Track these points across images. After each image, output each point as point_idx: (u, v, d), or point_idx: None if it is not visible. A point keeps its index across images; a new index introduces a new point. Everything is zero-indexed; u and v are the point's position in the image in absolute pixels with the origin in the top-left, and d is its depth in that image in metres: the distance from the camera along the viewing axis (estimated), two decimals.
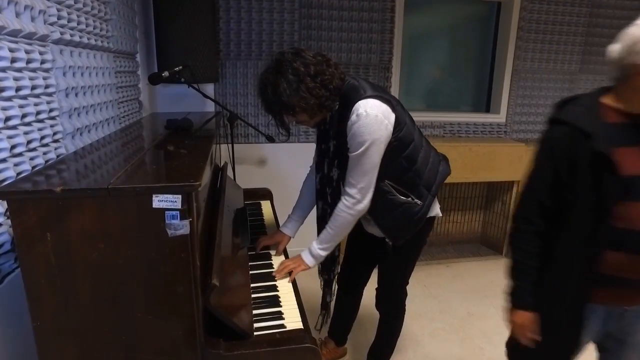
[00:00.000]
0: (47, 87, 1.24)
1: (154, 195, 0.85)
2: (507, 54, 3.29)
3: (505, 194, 3.39)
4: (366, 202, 1.41)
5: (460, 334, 2.41)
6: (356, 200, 1.40)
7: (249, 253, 1.64)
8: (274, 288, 1.46)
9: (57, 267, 0.87)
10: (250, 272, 1.53)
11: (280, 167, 3.08)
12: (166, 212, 0.86)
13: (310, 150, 1.73)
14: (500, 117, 3.45)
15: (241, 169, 2.92)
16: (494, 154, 3.13)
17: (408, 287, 1.77)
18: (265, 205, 2.24)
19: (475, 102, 3.63)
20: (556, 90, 3.45)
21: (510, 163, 3.17)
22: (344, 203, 1.42)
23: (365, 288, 1.94)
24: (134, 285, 0.92)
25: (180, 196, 0.86)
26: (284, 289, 1.46)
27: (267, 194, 2.33)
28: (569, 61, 3.39)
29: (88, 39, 1.58)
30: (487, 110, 3.57)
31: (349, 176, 1.40)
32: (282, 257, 1.68)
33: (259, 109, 2.97)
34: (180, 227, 0.88)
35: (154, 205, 0.86)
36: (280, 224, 2.05)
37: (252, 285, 1.44)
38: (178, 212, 0.87)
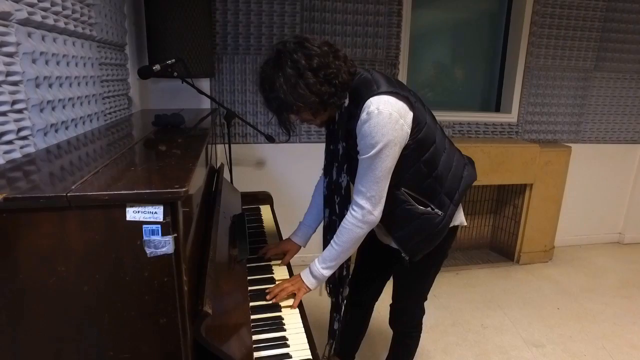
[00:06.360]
0: (9, 74, 1.05)
1: (128, 206, 0.66)
2: (519, 50, 3.12)
3: (517, 197, 3.22)
4: (377, 213, 1.23)
5: (475, 350, 2.23)
6: (366, 210, 1.21)
7: (247, 265, 1.46)
8: (277, 307, 1.28)
9: (0, 296, 0.69)
10: (249, 287, 1.35)
11: (281, 169, 2.90)
12: (144, 226, 0.68)
13: (313, 151, 1.55)
14: (511, 117, 3.27)
15: (239, 171, 2.74)
16: (505, 155, 2.96)
17: None
18: (265, 211, 2.07)
19: (484, 101, 3.45)
20: (570, 89, 3.28)
21: (524, 165, 3.00)
22: (352, 214, 1.24)
23: (378, 302, 1.75)
24: (104, 317, 0.72)
25: (162, 206, 0.67)
26: (288, 307, 1.28)
27: (267, 198, 2.15)
28: (584, 58, 3.22)
29: (65, 23, 1.39)
30: (497, 109, 3.40)
31: (358, 183, 1.22)
32: (285, 269, 1.50)
33: (257, 106, 2.79)
34: (162, 244, 0.69)
35: (128, 218, 0.67)
36: (282, 230, 1.88)
37: (251, 304, 1.26)
38: (159, 226, 0.68)
